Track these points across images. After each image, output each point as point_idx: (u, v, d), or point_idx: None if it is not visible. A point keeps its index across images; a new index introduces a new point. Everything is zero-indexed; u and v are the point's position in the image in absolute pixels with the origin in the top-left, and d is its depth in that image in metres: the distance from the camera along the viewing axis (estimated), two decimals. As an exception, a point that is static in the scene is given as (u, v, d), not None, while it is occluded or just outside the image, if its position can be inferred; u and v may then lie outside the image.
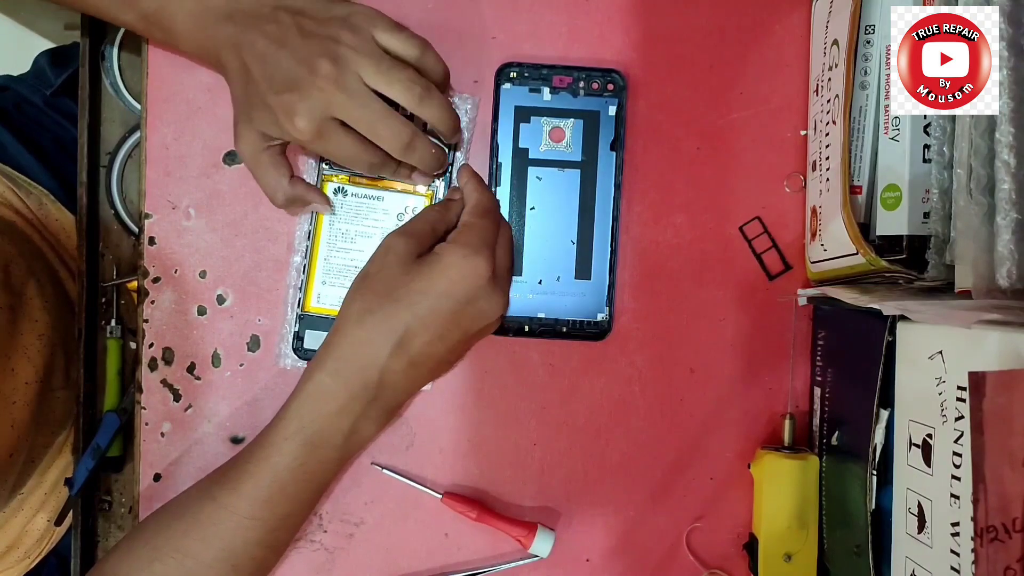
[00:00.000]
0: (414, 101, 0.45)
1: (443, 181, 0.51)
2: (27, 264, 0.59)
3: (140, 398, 0.52)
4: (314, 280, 0.51)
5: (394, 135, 0.45)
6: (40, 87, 0.73)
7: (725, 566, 0.53)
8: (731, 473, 0.53)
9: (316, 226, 0.51)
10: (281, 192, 0.48)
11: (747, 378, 0.53)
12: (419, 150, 0.46)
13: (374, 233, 0.51)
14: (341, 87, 0.44)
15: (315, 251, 0.51)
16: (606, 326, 0.51)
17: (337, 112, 0.44)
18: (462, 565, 0.52)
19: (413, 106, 0.45)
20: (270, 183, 0.48)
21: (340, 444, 0.45)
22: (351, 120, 0.45)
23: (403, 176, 0.50)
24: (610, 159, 0.51)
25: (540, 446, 0.53)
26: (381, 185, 0.51)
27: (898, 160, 0.43)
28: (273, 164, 0.48)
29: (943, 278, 0.41)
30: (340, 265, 0.51)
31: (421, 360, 0.45)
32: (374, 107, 0.44)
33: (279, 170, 0.48)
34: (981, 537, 0.30)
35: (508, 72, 0.51)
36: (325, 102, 0.44)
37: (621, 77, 0.51)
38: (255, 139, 0.47)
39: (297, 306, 0.51)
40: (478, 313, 0.45)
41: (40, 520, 0.62)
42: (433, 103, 0.46)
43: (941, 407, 0.37)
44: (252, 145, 0.47)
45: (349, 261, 0.51)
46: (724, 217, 0.53)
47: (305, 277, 0.51)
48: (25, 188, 0.65)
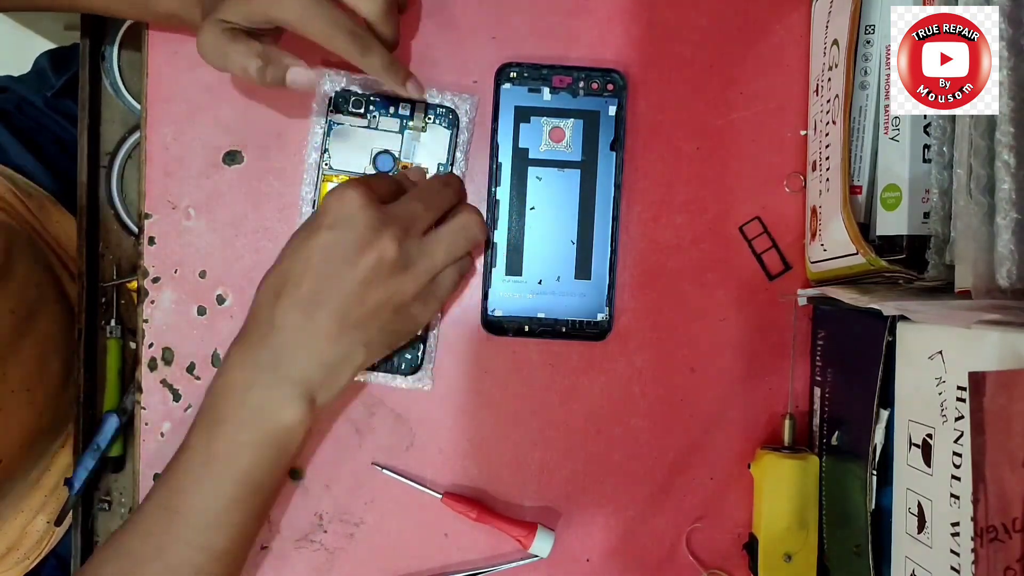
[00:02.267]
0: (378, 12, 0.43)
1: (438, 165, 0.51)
2: (27, 267, 0.59)
3: (140, 398, 0.52)
4: None
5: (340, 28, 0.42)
6: (41, 88, 0.73)
7: (725, 566, 0.53)
8: (731, 473, 0.53)
9: None
10: (254, 57, 0.43)
11: (747, 378, 0.53)
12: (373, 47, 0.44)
13: None
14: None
15: None
16: (606, 326, 0.51)
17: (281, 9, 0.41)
18: (462, 565, 0.52)
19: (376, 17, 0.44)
20: (240, 55, 0.43)
21: (247, 421, 0.41)
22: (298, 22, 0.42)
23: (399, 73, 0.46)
24: (610, 159, 0.51)
25: (540, 446, 0.53)
26: None
27: (898, 160, 0.43)
28: (235, 38, 0.43)
29: (943, 278, 0.41)
30: None
31: (314, 309, 0.41)
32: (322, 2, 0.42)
33: (247, 43, 0.43)
34: (981, 537, 0.30)
35: (508, 72, 0.51)
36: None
37: (621, 77, 0.51)
38: (215, 27, 0.43)
39: None
40: (361, 243, 0.41)
41: (40, 521, 0.62)
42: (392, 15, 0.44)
43: (941, 407, 0.37)
44: (212, 33, 0.43)
45: None
46: (724, 217, 0.53)
47: None
48: (25, 190, 0.65)
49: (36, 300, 0.58)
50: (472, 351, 0.52)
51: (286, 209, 0.52)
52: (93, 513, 0.58)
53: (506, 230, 0.51)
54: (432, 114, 0.51)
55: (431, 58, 0.52)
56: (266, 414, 0.42)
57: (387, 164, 0.51)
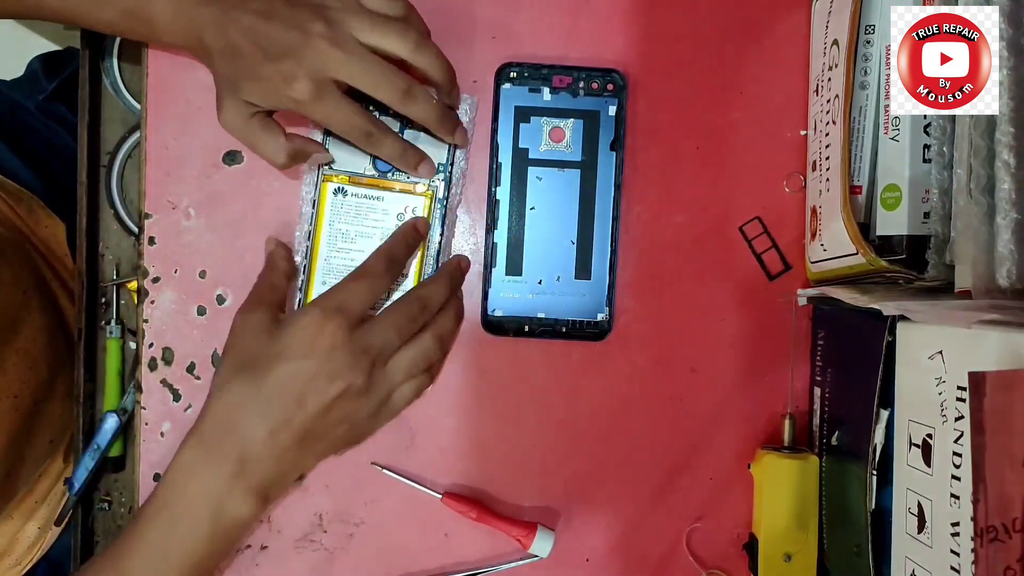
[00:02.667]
0: (410, 47, 0.46)
1: (443, 181, 0.51)
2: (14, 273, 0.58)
3: (140, 398, 0.52)
4: (314, 280, 0.51)
5: (392, 83, 0.45)
6: (33, 92, 0.73)
7: (725, 566, 0.53)
8: (731, 473, 0.53)
9: (316, 226, 0.51)
10: (282, 151, 0.48)
11: (747, 378, 0.53)
12: (419, 98, 0.46)
13: (374, 233, 0.51)
14: (337, 44, 0.44)
15: (315, 251, 0.51)
16: (606, 326, 0.51)
17: (334, 70, 0.44)
18: (462, 565, 0.52)
19: (409, 52, 0.46)
20: (269, 145, 0.48)
21: (209, 519, 0.44)
22: (349, 76, 0.45)
23: (409, 161, 0.49)
24: (610, 159, 0.51)
25: (540, 446, 0.53)
26: (381, 185, 0.51)
27: (898, 160, 0.43)
28: (264, 127, 0.47)
29: (943, 278, 0.41)
30: (340, 265, 0.51)
31: (282, 431, 0.44)
32: (370, 59, 0.45)
33: (273, 131, 0.48)
34: (981, 537, 0.30)
35: (508, 72, 0.51)
36: (322, 61, 0.44)
37: (621, 77, 0.51)
38: (241, 108, 0.46)
39: (298, 306, 0.51)
40: (332, 374, 0.44)
41: (31, 528, 0.62)
42: (429, 49, 0.46)
43: (941, 407, 0.37)
44: (238, 114, 0.46)
45: (349, 261, 0.51)
46: (724, 217, 0.53)
47: (306, 277, 0.51)
48: (15, 194, 0.64)
49: (22, 305, 0.58)
50: (472, 351, 0.52)
51: (286, 209, 0.52)
52: (93, 513, 0.58)
53: (506, 230, 0.51)
54: None
55: (431, 58, 0.52)
56: (226, 513, 0.44)
57: (387, 164, 0.51)
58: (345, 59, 0.44)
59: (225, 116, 0.47)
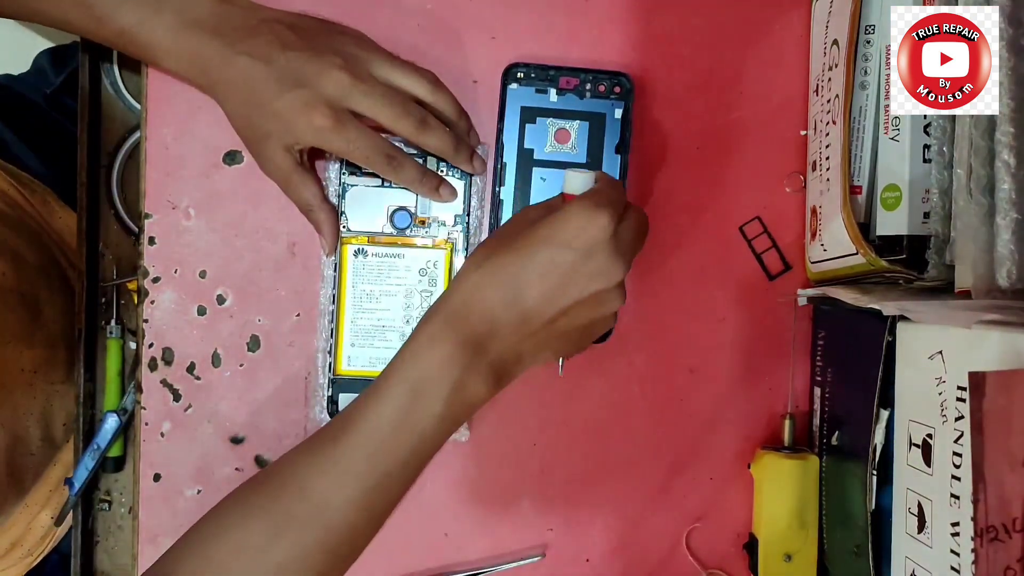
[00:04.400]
0: (428, 86, 0.47)
1: (461, 232, 0.51)
2: (36, 260, 0.59)
3: (140, 398, 0.52)
4: (343, 343, 0.51)
5: (410, 114, 0.46)
6: (40, 86, 0.73)
7: (725, 566, 0.53)
8: (731, 473, 0.53)
9: (340, 289, 0.51)
10: (312, 211, 0.49)
11: (747, 378, 0.53)
12: (435, 129, 0.47)
13: (398, 291, 0.51)
14: (356, 76, 0.45)
15: (341, 314, 0.51)
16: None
17: (353, 100, 0.45)
18: (462, 565, 0.52)
19: (427, 91, 0.47)
20: (305, 198, 0.49)
21: (446, 397, 0.42)
22: (368, 107, 0.45)
23: (431, 183, 0.50)
24: (615, 162, 0.51)
25: (540, 446, 0.53)
26: (400, 242, 0.51)
27: (898, 160, 0.43)
28: (304, 181, 0.48)
29: (943, 278, 0.41)
30: (368, 326, 0.51)
31: (534, 315, 0.42)
32: (388, 91, 0.46)
33: (312, 187, 0.49)
34: (981, 537, 0.30)
35: (515, 72, 0.51)
36: (341, 91, 0.44)
37: (628, 80, 0.51)
38: (281, 156, 0.47)
39: (328, 370, 0.51)
40: (596, 271, 0.42)
41: (44, 517, 0.62)
42: (445, 90, 0.48)
43: (941, 407, 0.37)
44: (281, 162, 0.47)
45: (376, 321, 0.51)
46: (724, 217, 0.53)
47: (334, 341, 0.51)
48: (29, 186, 0.65)
49: (45, 287, 0.59)
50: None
51: (286, 209, 0.52)
52: (93, 513, 0.58)
53: (507, 230, 0.51)
54: (445, 166, 0.51)
55: (432, 57, 0.52)
56: (466, 389, 0.42)
57: (404, 221, 0.51)
58: (366, 90, 0.45)
59: (267, 167, 0.48)
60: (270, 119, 0.45)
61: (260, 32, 0.45)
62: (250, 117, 0.46)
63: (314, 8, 0.52)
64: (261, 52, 0.44)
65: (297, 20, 0.47)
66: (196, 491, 0.52)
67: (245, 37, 0.45)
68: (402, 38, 0.52)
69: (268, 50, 0.44)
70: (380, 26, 0.52)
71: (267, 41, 0.44)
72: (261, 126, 0.46)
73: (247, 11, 0.46)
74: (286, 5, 0.52)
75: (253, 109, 0.45)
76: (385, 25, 0.52)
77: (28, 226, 0.62)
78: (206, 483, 0.52)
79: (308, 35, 0.46)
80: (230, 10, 0.46)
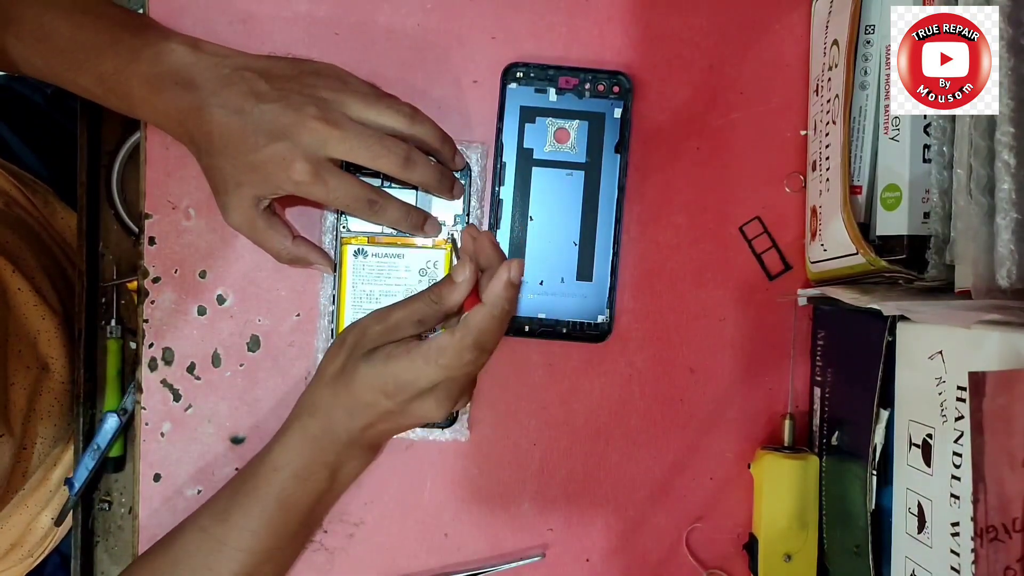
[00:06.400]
0: (405, 120, 0.46)
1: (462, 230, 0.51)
2: (37, 259, 0.59)
3: (140, 398, 0.52)
4: None
5: (392, 152, 0.45)
6: (41, 86, 0.73)
7: (725, 566, 0.53)
8: (731, 473, 0.53)
9: (340, 289, 0.51)
10: (286, 253, 0.48)
11: (747, 378, 0.53)
12: (418, 163, 0.46)
13: (398, 292, 0.51)
14: (331, 123, 0.44)
15: (341, 314, 0.51)
16: (606, 328, 0.51)
17: (332, 149, 0.44)
18: (462, 565, 0.52)
19: (405, 124, 0.46)
20: (274, 246, 0.48)
21: (327, 478, 0.46)
22: (347, 152, 0.44)
23: (415, 221, 0.49)
24: (614, 162, 0.51)
25: (540, 446, 0.53)
26: (400, 242, 0.51)
27: (898, 160, 0.43)
28: (271, 227, 0.47)
29: (943, 278, 0.41)
30: None
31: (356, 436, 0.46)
32: (366, 133, 0.45)
33: (279, 231, 0.48)
34: (981, 537, 0.30)
35: (515, 72, 0.51)
36: (319, 141, 0.44)
37: (627, 80, 0.51)
38: (247, 206, 0.46)
39: None
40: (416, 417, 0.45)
41: (44, 518, 0.62)
42: (424, 118, 0.47)
43: (941, 407, 0.37)
44: (245, 213, 0.46)
45: None
46: (724, 217, 0.53)
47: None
48: (31, 186, 0.65)
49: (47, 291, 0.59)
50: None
51: (285, 209, 0.52)
52: (93, 513, 0.58)
53: (509, 230, 0.51)
54: None
55: (431, 57, 0.52)
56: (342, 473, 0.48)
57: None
58: (342, 136, 0.44)
59: (230, 216, 0.47)
60: (245, 171, 0.44)
61: (232, 82, 0.44)
62: (223, 169, 0.45)
63: (314, 8, 0.52)
64: (235, 104, 0.44)
65: (269, 66, 0.46)
66: (196, 491, 0.52)
67: (218, 89, 0.44)
68: (402, 38, 0.52)
69: (241, 102, 0.44)
70: (379, 26, 0.52)
71: (240, 92, 0.44)
72: (234, 176, 0.45)
73: (219, 60, 0.45)
74: (286, 5, 0.52)
75: (227, 161, 0.44)
76: (384, 25, 0.52)
77: (29, 226, 0.63)
78: (206, 483, 0.52)
79: (281, 82, 0.45)
80: (203, 59, 0.45)
